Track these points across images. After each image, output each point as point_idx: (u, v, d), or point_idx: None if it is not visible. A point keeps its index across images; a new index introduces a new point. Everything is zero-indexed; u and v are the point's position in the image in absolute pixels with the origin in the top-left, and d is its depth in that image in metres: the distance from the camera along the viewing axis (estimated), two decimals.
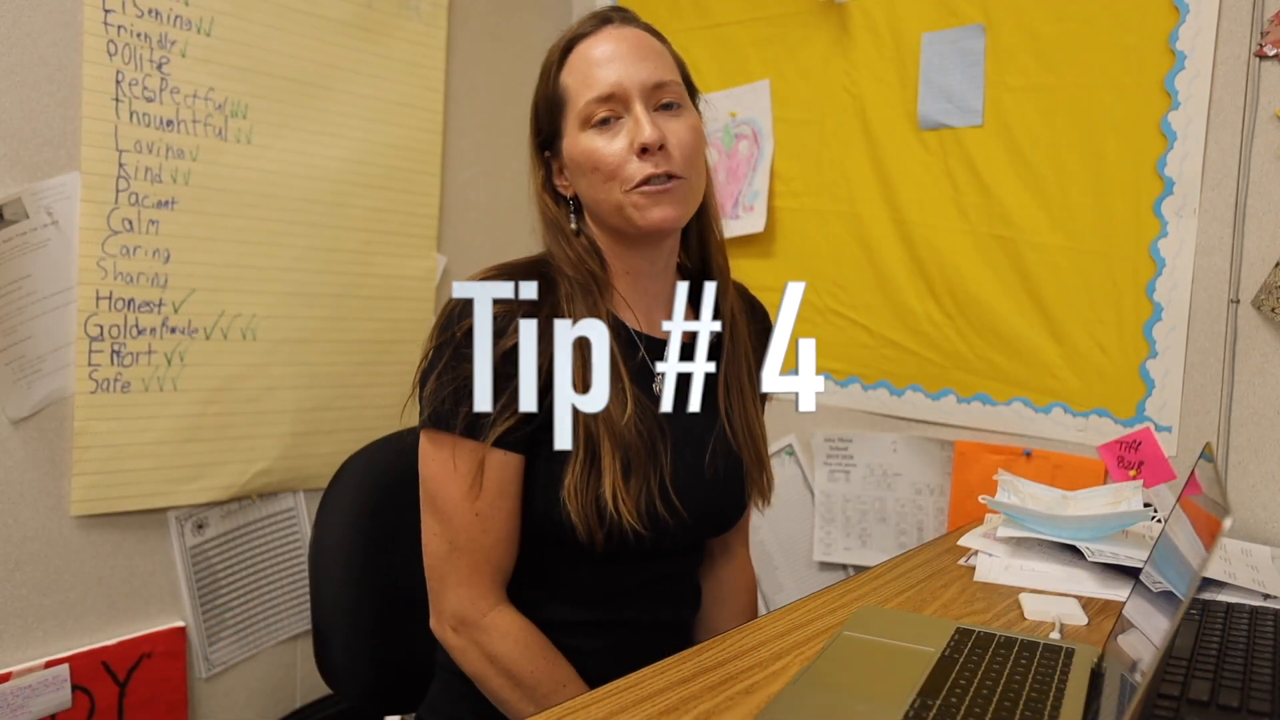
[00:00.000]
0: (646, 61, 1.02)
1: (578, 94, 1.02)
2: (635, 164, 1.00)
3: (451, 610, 1.02)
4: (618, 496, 0.98)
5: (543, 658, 1.02)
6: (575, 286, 1.03)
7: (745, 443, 1.12)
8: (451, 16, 1.95)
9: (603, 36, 1.03)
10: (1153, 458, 1.39)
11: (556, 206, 1.08)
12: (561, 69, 1.04)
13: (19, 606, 1.46)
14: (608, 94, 1.00)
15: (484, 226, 2.04)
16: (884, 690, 0.85)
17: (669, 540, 1.05)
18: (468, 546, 1.01)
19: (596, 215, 1.06)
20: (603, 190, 1.02)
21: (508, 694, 1.01)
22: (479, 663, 1.02)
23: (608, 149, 1.00)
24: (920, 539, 1.74)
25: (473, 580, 1.02)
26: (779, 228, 1.88)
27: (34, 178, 1.43)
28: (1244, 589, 1.15)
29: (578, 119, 1.02)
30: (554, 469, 1.00)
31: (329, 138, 1.76)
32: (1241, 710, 0.82)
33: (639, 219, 1.01)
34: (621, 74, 1.01)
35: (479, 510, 1.00)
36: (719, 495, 1.10)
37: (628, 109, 1.01)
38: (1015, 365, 1.62)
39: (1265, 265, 1.39)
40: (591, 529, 0.98)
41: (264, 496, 1.74)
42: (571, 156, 1.04)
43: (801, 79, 1.84)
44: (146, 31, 1.52)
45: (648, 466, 1.01)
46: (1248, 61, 1.39)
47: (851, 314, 1.79)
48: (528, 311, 0.96)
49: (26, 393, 1.44)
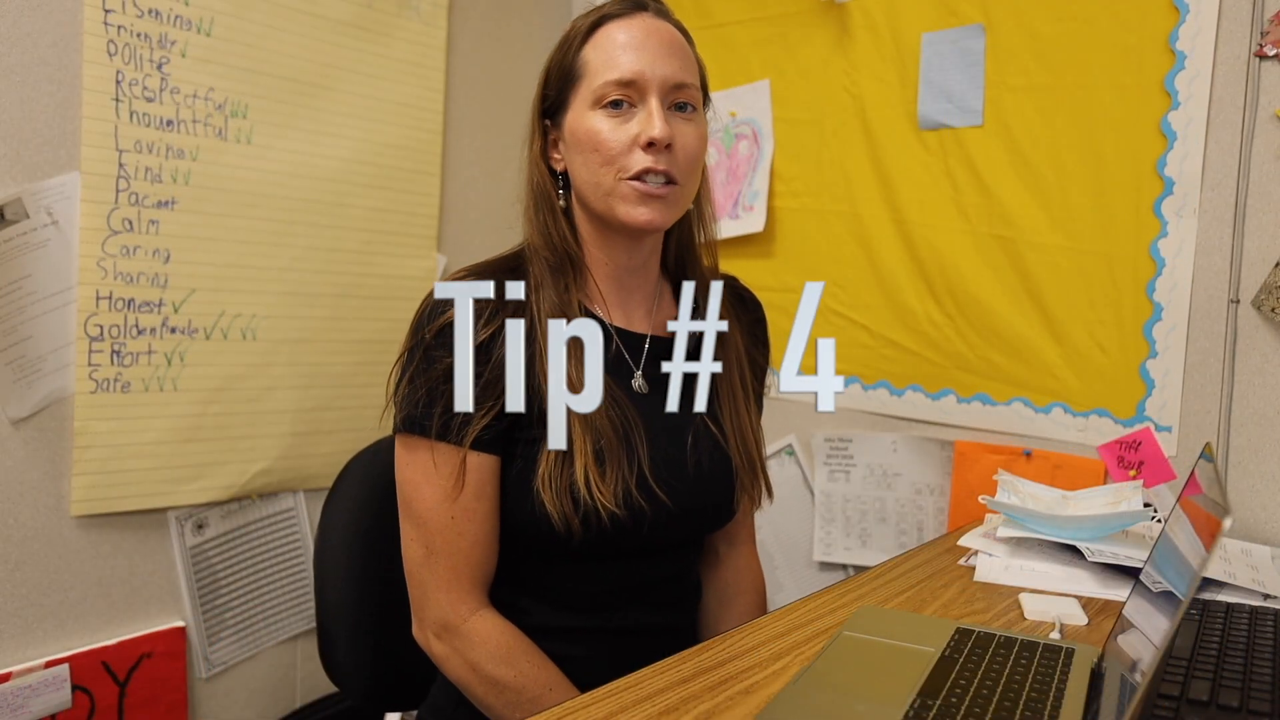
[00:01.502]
0: (673, 59, 1.02)
1: (597, 72, 1.01)
2: (638, 154, 0.99)
3: (433, 617, 1.02)
4: (590, 481, 0.97)
5: (527, 661, 1.01)
6: (546, 269, 1.02)
7: (735, 441, 1.11)
8: (451, 16, 1.95)
9: (635, 22, 1.02)
10: (1153, 458, 1.39)
11: (550, 178, 1.06)
12: (585, 43, 1.03)
13: (19, 606, 1.46)
14: (628, 80, 1.00)
15: (484, 226, 2.05)
16: (884, 690, 0.85)
17: (652, 532, 1.04)
18: (445, 550, 1.00)
19: (583, 197, 1.05)
20: (597, 173, 1.01)
21: (493, 700, 1.00)
22: (462, 669, 1.01)
23: (613, 134, 1.00)
24: (920, 539, 1.74)
25: (452, 585, 1.01)
26: (779, 228, 1.88)
27: (34, 178, 1.43)
28: (1244, 589, 1.15)
29: (590, 96, 1.01)
30: (528, 464, 1.00)
31: (329, 138, 1.76)
32: (1241, 710, 0.82)
33: (623, 212, 1.01)
34: (645, 64, 1.00)
35: (455, 514, 0.99)
36: (706, 489, 1.09)
37: (643, 100, 1.00)
38: (1015, 365, 1.62)
39: (1265, 265, 1.39)
40: (567, 516, 0.97)
41: (264, 496, 1.74)
42: (574, 131, 1.02)
43: (801, 79, 1.84)
44: (146, 31, 1.52)
45: (622, 453, 1.00)
46: (1248, 61, 1.39)
47: (851, 314, 1.79)
48: (495, 309, 0.97)
49: (26, 393, 1.44)
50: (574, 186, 1.05)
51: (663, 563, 1.10)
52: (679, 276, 1.14)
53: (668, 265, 1.15)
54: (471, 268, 1.05)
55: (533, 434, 1.00)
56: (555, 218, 1.04)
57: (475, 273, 1.04)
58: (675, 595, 1.15)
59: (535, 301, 1.02)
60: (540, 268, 1.04)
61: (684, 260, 1.15)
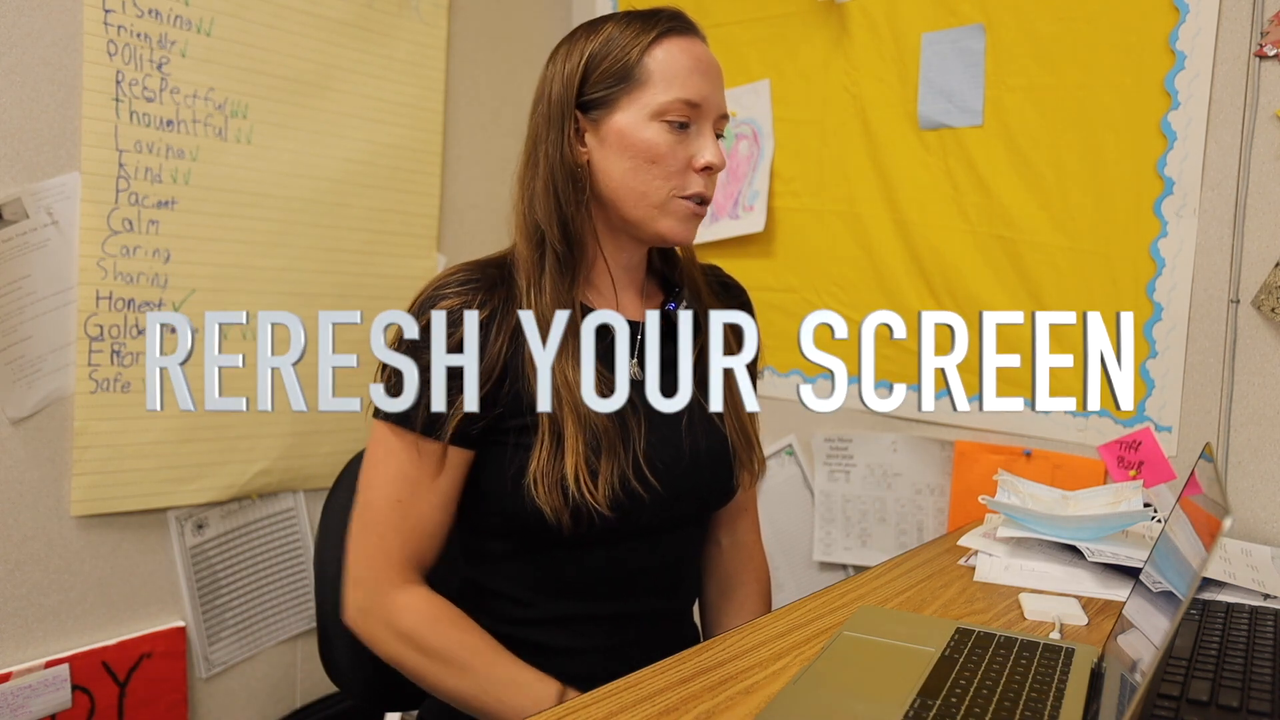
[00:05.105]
0: (721, 90, 1.07)
1: (665, 85, 1.02)
2: (694, 176, 1.04)
3: (362, 593, 1.02)
4: (580, 476, 0.98)
5: (452, 626, 1.01)
6: (554, 259, 1.03)
7: (731, 421, 1.12)
8: (451, 16, 1.95)
9: (697, 45, 1.06)
10: (1153, 458, 1.39)
11: (579, 168, 1.05)
12: (651, 50, 1.03)
13: (19, 606, 1.46)
14: (696, 102, 1.03)
15: (484, 226, 2.05)
16: (884, 690, 0.85)
17: (645, 517, 1.04)
18: (380, 528, 1.01)
19: (615, 199, 1.04)
20: (650, 183, 1.02)
21: (425, 668, 1.00)
22: (391, 643, 1.01)
23: (672, 150, 1.02)
24: (920, 539, 1.74)
25: (387, 562, 1.01)
26: (779, 228, 1.88)
27: (34, 178, 1.43)
28: (1244, 589, 1.15)
29: (653, 106, 1.01)
30: (521, 457, 1.00)
31: (329, 138, 1.76)
32: (1241, 710, 0.82)
33: (666, 226, 1.04)
34: (709, 91, 1.04)
35: (401, 497, 1.00)
36: (699, 472, 1.09)
37: (699, 124, 1.04)
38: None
39: (1265, 265, 1.39)
40: (558, 510, 0.98)
41: (264, 496, 1.74)
42: (624, 135, 1.02)
43: (801, 79, 1.84)
44: (146, 31, 1.52)
45: (618, 444, 1.01)
46: (1248, 61, 1.39)
47: (851, 314, 1.79)
48: (484, 301, 1.00)
49: (26, 393, 1.44)
50: (599, 184, 1.05)
51: (663, 547, 1.10)
52: (662, 266, 1.17)
53: (652, 258, 1.17)
54: (464, 264, 1.06)
55: (524, 421, 1.01)
56: (578, 208, 1.04)
57: (468, 269, 1.04)
58: (676, 580, 1.15)
59: (532, 298, 1.02)
60: (541, 260, 1.03)
61: (666, 252, 1.18)
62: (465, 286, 1.01)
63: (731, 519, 1.24)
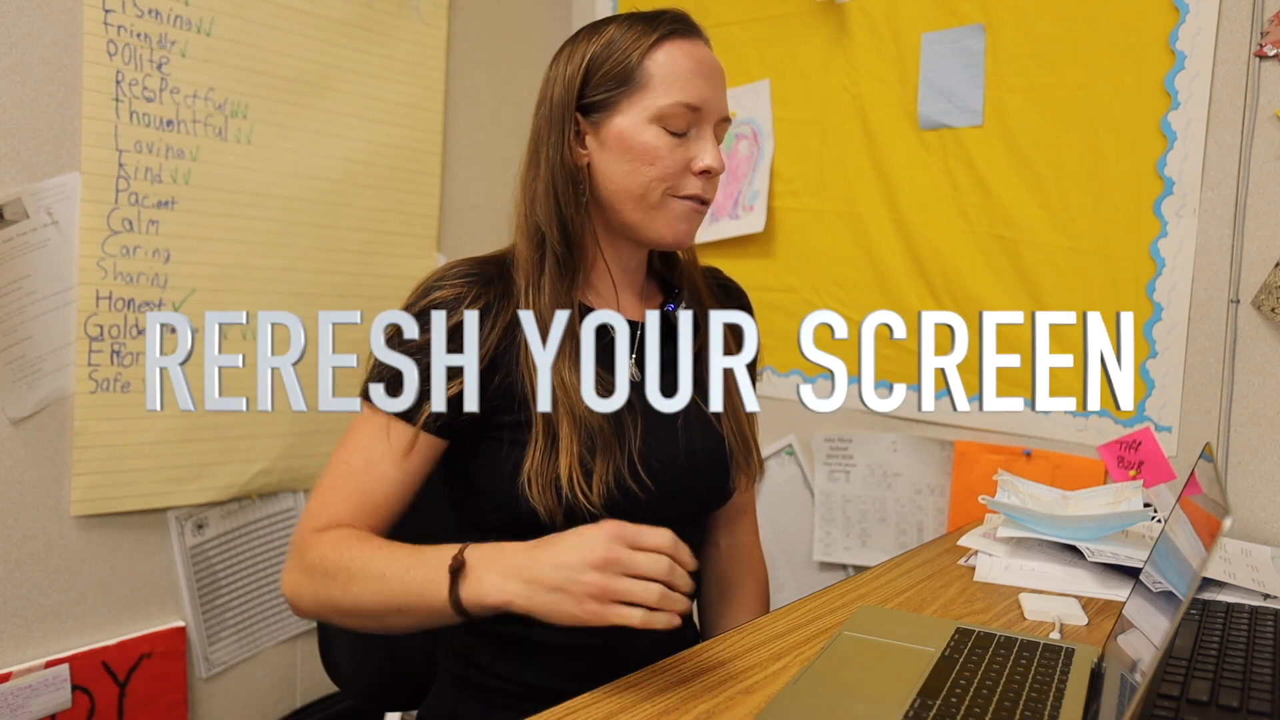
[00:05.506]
0: (723, 93, 1.07)
1: (666, 89, 1.02)
2: (691, 178, 1.04)
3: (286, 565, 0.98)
4: (574, 477, 0.97)
5: (357, 540, 0.94)
6: (554, 261, 1.02)
7: (729, 422, 1.11)
8: (451, 16, 1.95)
9: (699, 48, 1.05)
10: (1153, 458, 1.39)
11: (579, 170, 1.05)
12: (652, 53, 1.03)
13: (19, 606, 1.46)
14: (697, 105, 1.02)
15: (484, 226, 2.05)
16: (884, 690, 0.85)
17: (641, 516, 1.02)
18: (324, 494, 0.98)
19: (613, 201, 1.05)
20: (646, 185, 1.02)
21: (337, 593, 0.92)
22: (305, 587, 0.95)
23: (671, 153, 1.02)
24: (920, 539, 1.74)
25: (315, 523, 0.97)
26: (779, 228, 1.88)
27: (34, 178, 1.43)
28: (1244, 589, 1.15)
29: (653, 109, 1.01)
30: (516, 454, 1.00)
31: (329, 138, 1.76)
32: (1241, 710, 0.82)
33: (663, 224, 1.04)
34: (710, 95, 1.04)
35: (354, 467, 0.99)
36: (696, 473, 1.09)
37: (700, 127, 1.04)
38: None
39: (1265, 265, 1.39)
40: (551, 510, 0.98)
41: (264, 496, 1.74)
42: (624, 138, 1.02)
43: (801, 79, 1.84)
44: (146, 31, 1.52)
45: (613, 443, 1.01)
46: (1248, 61, 1.39)
47: (851, 314, 1.79)
48: (474, 298, 0.99)
49: (26, 393, 1.44)
50: (599, 187, 1.05)
51: None
52: (662, 269, 1.17)
53: (652, 259, 1.17)
54: (463, 260, 1.05)
55: (517, 418, 1.00)
56: (578, 210, 1.04)
57: (466, 265, 1.04)
58: None
59: (531, 297, 1.02)
60: (541, 261, 1.03)
61: (667, 254, 1.17)
62: (462, 280, 1.01)
63: (730, 520, 1.24)
